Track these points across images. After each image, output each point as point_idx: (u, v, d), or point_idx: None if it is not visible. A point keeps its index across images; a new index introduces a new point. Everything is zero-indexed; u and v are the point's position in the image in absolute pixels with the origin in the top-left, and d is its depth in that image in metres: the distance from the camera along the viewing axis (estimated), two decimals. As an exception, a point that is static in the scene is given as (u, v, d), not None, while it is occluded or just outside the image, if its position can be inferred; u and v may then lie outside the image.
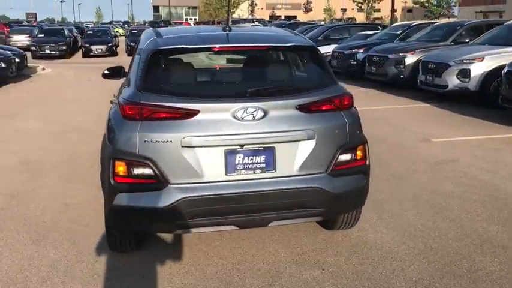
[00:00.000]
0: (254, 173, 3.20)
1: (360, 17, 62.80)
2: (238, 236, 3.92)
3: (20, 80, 15.36)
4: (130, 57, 4.09)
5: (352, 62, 14.51)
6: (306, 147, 3.26)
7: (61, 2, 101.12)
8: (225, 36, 3.60)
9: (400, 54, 12.02)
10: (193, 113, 3.11)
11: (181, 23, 51.02)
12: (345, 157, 3.40)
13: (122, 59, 23.65)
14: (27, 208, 4.62)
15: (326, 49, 16.08)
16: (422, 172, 5.64)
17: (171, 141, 3.08)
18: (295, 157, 3.25)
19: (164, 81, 3.42)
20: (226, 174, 3.16)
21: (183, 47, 3.43)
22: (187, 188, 3.11)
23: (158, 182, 3.10)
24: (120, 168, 3.11)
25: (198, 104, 3.13)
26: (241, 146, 3.17)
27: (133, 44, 26.25)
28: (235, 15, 54.85)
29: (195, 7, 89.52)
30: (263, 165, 3.21)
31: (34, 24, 50.46)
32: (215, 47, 3.44)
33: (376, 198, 4.69)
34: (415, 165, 5.90)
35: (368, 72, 13.16)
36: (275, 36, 3.95)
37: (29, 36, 28.67)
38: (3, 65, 14.12)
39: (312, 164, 3.29)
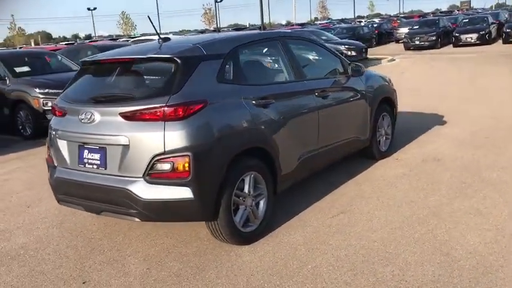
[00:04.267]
0: (93, 167, 3.79)
1: None
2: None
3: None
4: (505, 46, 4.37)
5: None
6: (125, 151, 3.58)
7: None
8: (120, 51, 4.15)
9: None
10: (65, 112, 4.01)
11: None
12: (162, 167, 3.48)
13: (493, 49, 22.12)
14: None
15: None
16: None
17: (54, 133, 4.08)
18: (119, 159, 3.62)
19: (72, 88, 4.28)
20: (78, 165, 3.90)
21: (84, 60, 4.26)
22: (61, 170, 4.04)
23: (53, 163, 4.16)
24: (47, 150, 4.34)
25: (67, 106, 3.99)
26: (85, 143, 3.83)
27: (509, 31, 23.81)
28: None
29: None
30: (98, 162, 3.76)
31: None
32: (101, 60, 4.10)
33: None
34: None
35: None
36: (150, 47, 4.10)
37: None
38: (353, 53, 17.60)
39: (131, 168, 3.58)
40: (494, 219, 4.06)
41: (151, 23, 4.30)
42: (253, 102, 4.00)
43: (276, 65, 4.61)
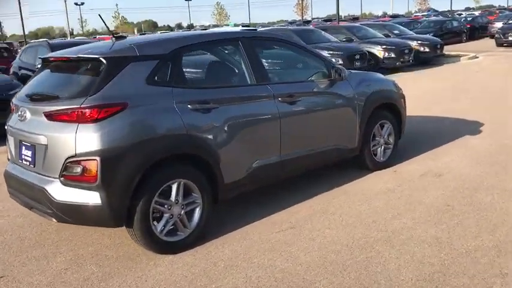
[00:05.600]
0: (27, 164, 3.85)
1: None
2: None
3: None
4: None
5: None
6: (46, 151, 3.58)
7: None
8: (68, 50, 4.13)
9: None
10: (13, 108, 4.10)
11: None
12: (73, 169, 3.45)
13: None
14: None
15: None
16: None
17: (7, 128, 4.20)
18: (42, 157, 3.64)
19: (26, 85, 4.33)
20: (19, 160, 3.98)
21: (41, 58, 4.28)
22: (10, 164, 4.17)
23: (8, 157, 4.31)
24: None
25: (16, 102, 4.07)
26: (22, 140, 3.89)
27: None
28: None
29: None
30: (30, 159, 3.81)
31: None
32: (50, 58, 4.11)
33: None
34: None
35: None
36: (91, 46, 3.98)
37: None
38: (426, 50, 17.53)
39: (50, 168, 3.58)
40: (449, 252, 3.54)
41: (103, 20, 4.27)
42: (189, 106, 3.81)
43: (231, 68, 4.36)
